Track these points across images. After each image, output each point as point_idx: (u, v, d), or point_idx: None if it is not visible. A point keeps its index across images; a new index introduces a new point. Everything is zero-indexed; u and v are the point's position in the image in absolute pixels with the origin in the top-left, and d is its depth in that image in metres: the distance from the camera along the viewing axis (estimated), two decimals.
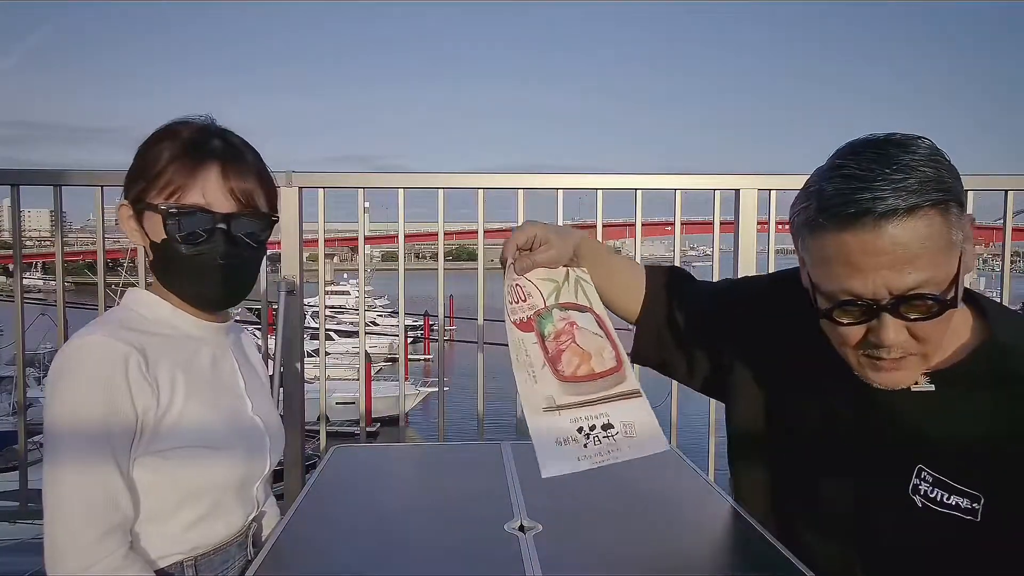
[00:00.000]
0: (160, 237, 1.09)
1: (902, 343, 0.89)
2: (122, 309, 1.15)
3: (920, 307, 0.86)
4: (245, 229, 1.13)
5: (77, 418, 1.01)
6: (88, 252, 25.68)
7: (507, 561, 0.94)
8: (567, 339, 1.12)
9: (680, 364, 1.24)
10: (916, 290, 0.86)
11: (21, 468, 2.34)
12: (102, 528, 1.00)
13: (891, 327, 0.88)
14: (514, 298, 1.12)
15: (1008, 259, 2.45)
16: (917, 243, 0.84)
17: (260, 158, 1.17)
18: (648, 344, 1.24)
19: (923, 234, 0.84)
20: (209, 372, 1.17)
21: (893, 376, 0.93)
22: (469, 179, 2.46)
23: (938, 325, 0.88)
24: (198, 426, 1.10)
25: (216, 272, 1.12)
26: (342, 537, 1.17)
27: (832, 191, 0.87)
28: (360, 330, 2.65)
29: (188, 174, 1.09)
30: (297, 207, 2.31)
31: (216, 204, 1.10)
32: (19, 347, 2.36)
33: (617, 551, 1.05)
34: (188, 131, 1.12)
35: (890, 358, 0.91)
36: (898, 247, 0.84)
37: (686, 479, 1.43)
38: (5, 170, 2.33)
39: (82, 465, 1.01)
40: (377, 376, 16.06)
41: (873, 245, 0.85)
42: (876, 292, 0.87)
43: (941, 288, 0.86)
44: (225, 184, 1.10)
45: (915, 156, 0.86)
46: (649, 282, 1.24)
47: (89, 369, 1.03)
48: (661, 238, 12.63)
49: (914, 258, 0.85)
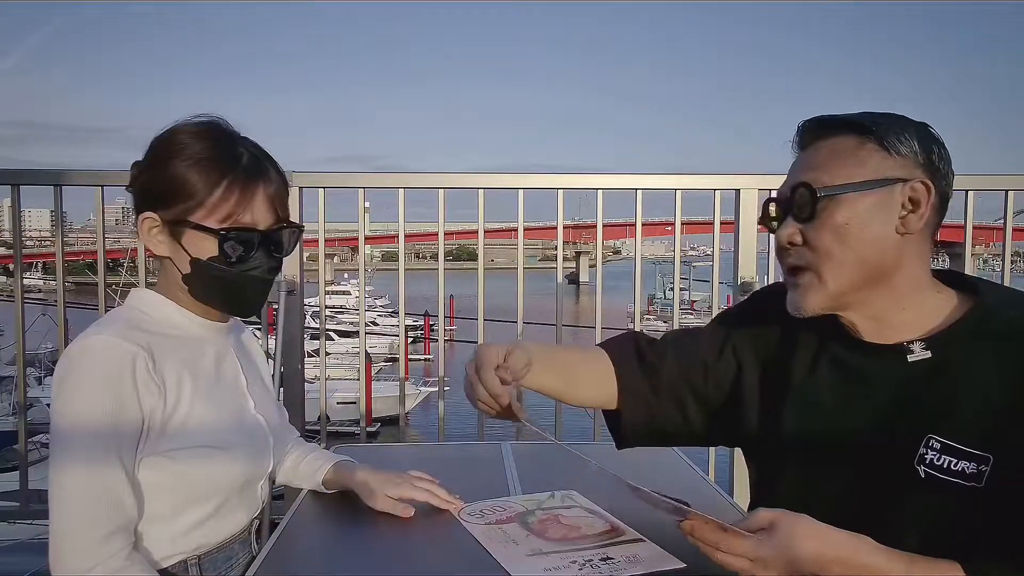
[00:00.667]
0: (208, 255, 1.10)
1: (797, 249, 0.99)
2: (127, 309, 1.15)
3: (802, 201, 0.98)
4: (283, 242, 1.16)
5: (84, 418, 1.01)
6: (88, 252, 25.72)
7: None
8: (551, 521, 1.14)
9: (679, 426, 1.18)
10: (804, 183, 0.98)
11: (21, 468, 2.34)
12: (106, 528, 1.00)
13: (785, 225, 1.00)
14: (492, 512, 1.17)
15: (1008, 259, 2.45)
16: (824, 153, 0.99)
17: (278, 165, 1.19)
18: (638, 420, 1.18)
19: (830, 148, 0.99)
20: (213, 372, 1.17)
21: (795, 296, 1.00)
22: (469, 179, 2.46)
23: (825, 236, 0.96)
24: (204, 426, 1.10)
25: (259, 285, 1.15)
26: (342, 537, 1.17)
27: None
28: (360, 330, 2.65)
29: (244, 199, 1.10)
30: (297, 207, 2.31)
31: (262, 221, 1.12)
32: (19, 347, 2.36)
33: None
34: (231, 152, 1.11)
35: (791, 265, 1.00)
36: (811, 155, 1.01)
37: (686, 479, 1.43)
38: (5, 170, 2.33)
39: (88, 465, 1.00)
40: (377, 376, 16.06)
41: (799, 156, 1.04)
42: (784, 190, 1.02)
43: (827, 190, 0.96)
44: (269, 201, 1.13)
45: (883, 113, 0.99)
46: (616, 360, 1.18)
47: (96, 369, 1.03)
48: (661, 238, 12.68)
49: (816, 163, 0.99)
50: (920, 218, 0.95)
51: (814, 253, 0.97)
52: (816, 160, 0.99)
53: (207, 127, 1.13)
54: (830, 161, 0.98)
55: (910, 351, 0.95)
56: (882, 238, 0.95)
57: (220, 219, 1.09)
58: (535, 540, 1.07)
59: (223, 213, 1.09)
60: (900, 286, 0.97)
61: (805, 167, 1.00)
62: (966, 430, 0.89)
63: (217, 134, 1.13)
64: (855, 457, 0.96)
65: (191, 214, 1.09)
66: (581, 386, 1.18)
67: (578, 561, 1.00)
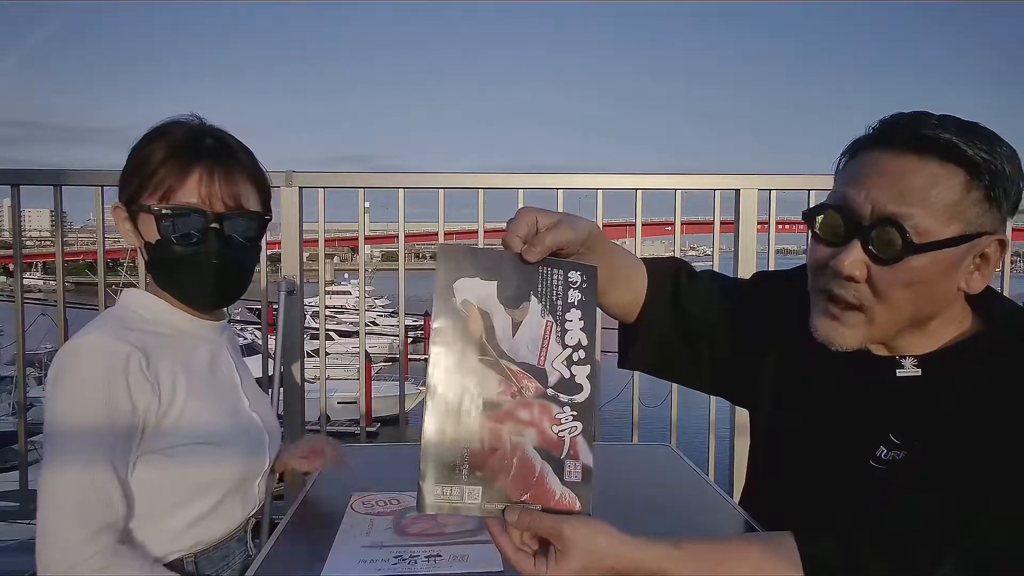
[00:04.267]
0: (154, 238, 1.10)
1: (856, 285, 0.88)
2: (120, 309, 1.15)
3: (888, 238, 0.85)
4: (237, 229, 1.13)
5: (75, 419, 1.01)
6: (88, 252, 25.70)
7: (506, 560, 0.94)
8: (428, 517, 1.11)
9: (684, 366, 1.17)
10: (896, 218, 0.84)
11: (21, 468, 2.34)
12: (93, 527, 1.00)
13: (853, 253, 0.87)
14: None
15: (1008, 259, 2.46)
16: (925, 182, 0.84)
17: (253, 157, 1.17)
18: (648, 349, 1.15)
19: (934, 179, 0.84)
20: (207, 370, 1.17)
21: (834, 327, 0.92)
22: (469, 179, 2.46)
23: (897, 284, 0.87)
24: (200, 423, 1.10)
25: (209, 272, 1.12)
26: (342, 537, 1.17)
27: (888, 118, 0.89)
28: (360, 330, 2.65)
29: (179, 174, 1.09)
30: (297, 207, 2.31)
31: (208, 204, 1.10)
32: (19, 347, 2.36)
33: None
34: (179, 131, 1.12)
35: (840, 297, 0.90)
36: (908, 176, 0.85)
37: (686, 479, 1.43)
38: (5, 170, 2.33)
39: (77, 465, 1.01)
40: (377, 376, 16.06)
41: (888, 164, 0.86)
42: (861, 208, 0.87)
43: (920, 238, 0.84)
44: (216, 184, 1.10)
45: (986, 136, 0.86)
46: (651, 282, 1.13)
47: (89, 369, 1.03)
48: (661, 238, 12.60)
49: (914, 192, 0.84)
50: (985, 279, 0.89)
51: (875, 296, 0.88)
52: (913, 186, 0.84)
53: (174, 119, 1.15)
54: (932, 199, 0.84)
55: (900, 366, 0.95)
56: (944, 294, 0.90)
57: (159, 198, 1.09)
58: (390, 534, 1.10)
59: (161, 192, 1.09)
60: (932, 328, 0.94)
61: (898, 191, 0.85)
62: (923, 438, 0.89)
63: (181, 123, 1.14)
64: (829, 451, 0.98)
65: (139, 195, 1.10)
66: (612, 284, 1.05)
67: (403, 556, 1.02)
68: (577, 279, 0.75)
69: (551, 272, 0.75)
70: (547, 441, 0.76)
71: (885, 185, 0.86)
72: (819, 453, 1.00)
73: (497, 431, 0.76)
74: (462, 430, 0.75)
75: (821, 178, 2.35)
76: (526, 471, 0.76)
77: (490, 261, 0.76)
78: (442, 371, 0.75)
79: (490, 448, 0.76)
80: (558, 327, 0.76)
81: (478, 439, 0.75)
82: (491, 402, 0.75)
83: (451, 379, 0.75)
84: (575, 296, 0.75)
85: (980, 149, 0.84)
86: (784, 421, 1.07)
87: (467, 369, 0.75)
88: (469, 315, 0.75)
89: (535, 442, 0.76)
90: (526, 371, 0.75)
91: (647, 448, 1.61)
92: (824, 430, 1.00)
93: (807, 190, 2.40)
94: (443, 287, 0.75)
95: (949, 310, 0.94)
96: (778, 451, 1.08)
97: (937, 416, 0.89)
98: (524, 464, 0.76)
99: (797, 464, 1.03)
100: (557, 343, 0.76)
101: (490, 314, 0.75)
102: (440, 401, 0.75)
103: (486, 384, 0.75)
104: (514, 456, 0.76)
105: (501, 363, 0.75)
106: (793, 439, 1.05)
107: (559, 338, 0.76)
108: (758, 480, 1.16)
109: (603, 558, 0.77)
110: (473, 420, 0.75)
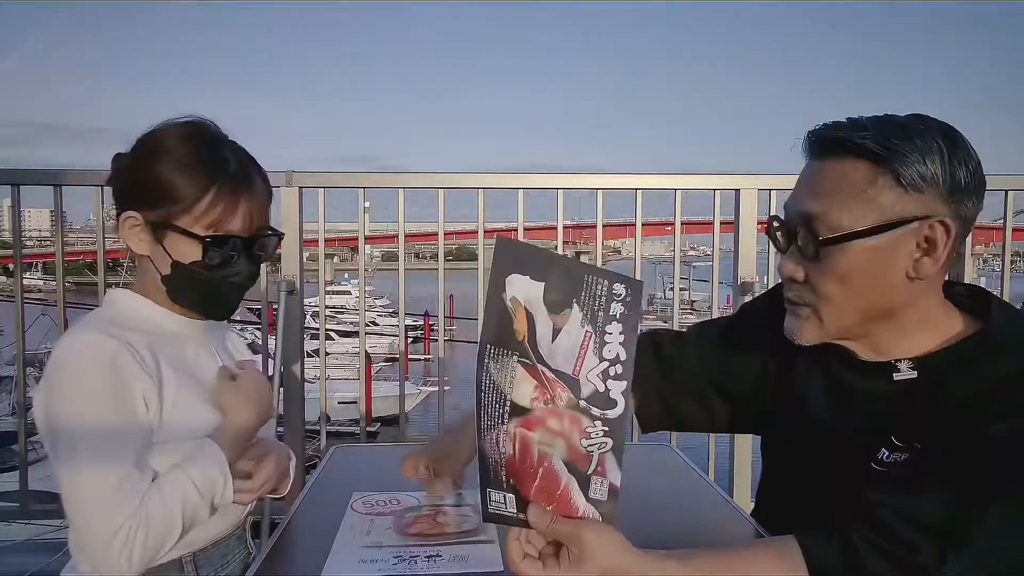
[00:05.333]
0: (191, 260, 1.10)
1: (799, 284, 0.94)
2: (106, 309, 1.16)
3: (806, 236, 0.90)
4: (269, 248, 1.17)
5: (84, 417, 1.01)
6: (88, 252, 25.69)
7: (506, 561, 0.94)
8: (426, 518, 1.14)
9: (698, 415, 1.20)
10: (808, 216, 0.90)
11: (21, 468, 2.34)
12: (128, 507, 0.99)
13: (788, 257, 0.94)
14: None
15: (1008, 259, 2.46)
16: (832, 180, 0.89)
17: (263, 170, 1.19)
18: (653, 409, 1.20)
19: (840, 175, 0.89)
20: (194, 367, 1.17)
21: (792, 323, 0.97)
22: (469, 179, 2.46)
23: (828, 279, 0.90)
24: (188, 420, 1.10)
25: (236, 290, 1.16)
26: (342, 537, 1.17)
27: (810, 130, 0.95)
28: (360, 330, 2.65)
29: (231, 207, 1.10)
30: (297, 207, 2.31)
31: (246, 228, 1.12)
32: (19, 347, 2.36)
33: None
34: (218, 157, 1.11)
35: (789, 298, 0.96)
36: (818, 177, 0.91)
37: (686, 479, 1.43)
38: (5, 170, 2.33)
39: (102, 459, 1.00)
40: (377, 376, 16.06)
41: (807, 170, 0.94)
42: (790, 214, 0.94)
43: (832, 232, 0.88)
44: (253, 208, 1.13)
45: (902, 125, 0.88)
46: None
47: (85, 366, 1.03)
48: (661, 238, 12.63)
49: (823, 191, 0.90)
50: (936, 262, 0.89)
51: (815, 295, 0.93)
52: (823, 186, 0.90)
53: (195, 129, 1.13)
54: (838, 194, 0.89)
55: (897, 369, 0.95)
56: (890, 284, 0.91)
57: (206, 226, 1.09)
58: (390, 534, 1.11)
59: (209, 220, 1.09)
60: (906, 321, 0.94)
61: (811, 191, 0.91)
62: (924, 440, 0.90)
63: (205, 137, 1.13)
64: (832, 459, 0.98)
65: (176, 218, 1.09)
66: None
67: (403, 556, 1.02)
68: (622, 291, 0.73)
69: (596, 281, 0.73)
70: (575, 455, 0.74)
71: (803, 189, 0.93)
72: (822, 458, 1.00)
73: (527, 439, 0.74)
74: (499, 434, 0.74)
75: None
76: (551, 483, 0.75)
77: (542, 261, 0.73)
78: (484, 369, 0.73)
79: (520, 455, 0.74)
80: (597, 338, 0.73)
81: (511, 445, 0.74)
82: (522, 407, 0.73)
83: (492, 378, 0.73)
84: (617, 309, 0.73)
85: (884, 139, 0.86)
86: (790, 433, 1.07)
87: (507, 369, 0.73)
88: (516, 313, 0.72)
89: (563, 455, 0.74)
90: (561, 379, 0.73)
91: (647, 448, 1.61)
92: (827, 436, 1.00)
93: None
94: (496, 280, 0.72)
95: (919, 304, 0.93)
96: (786, 462, 1.09)
97: (936, 417, 0.89)
98: (549, 475, 0.75)
99: (803, 471, 1.03)
100: (594, 355, 0.73)
101: (534, 315, 0.72)
102: (484, 402, 0.73)
103: (521, 387, 0.73)
104: (540, 466, 0.75)
105: (538, 368, 0.73)
106: (798, 447, 1.05)
107: (597, 350, 0.73)
108: (770, 493, 1.16)
109: (617, 569, 0.77)
110: (506, 424, 0.74)
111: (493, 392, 0.74)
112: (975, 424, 0.84)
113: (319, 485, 1.37)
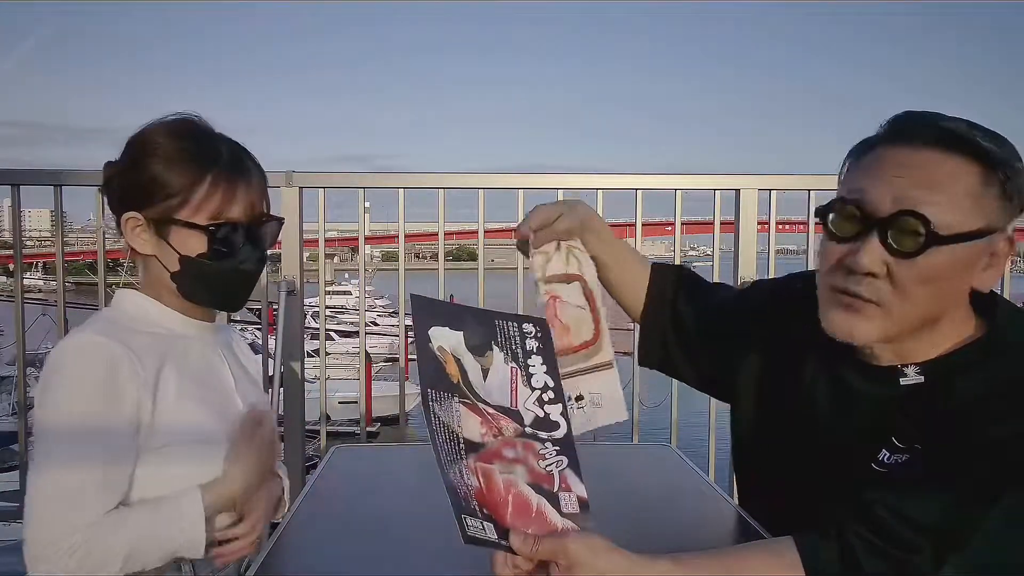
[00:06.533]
0: (196, 252, 1.11)
1: (875, 280, 0.86)
2: (111, 310, 1.16)
3: (910, 231, 0.83)
4: (270, 234, 1.18)
5: (72, 416, 1.02)
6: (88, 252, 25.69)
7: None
8: (549, 314, 1.07)
9: (684, 365, 1.22)
10: (919, 208, 0.82)
11: (21, 468, 2.34)
12: (87, 518, 0.99)
13: (872, 249, 0.85)
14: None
15: (1008, 259, 2.45)
16: (948, 174, 0.83)
17: (255, 158, 1.19)
18: (653, 345, 1.22)
19: (957, 171, 0.84)
20: (199, 370, 1.17)
21: (849, 320, 0.89)
22: (469, 179, 2.46)
23: (917, 279, 0.85)
24: (191, 423, 1.11)
25: (246, 279, 1.17)
26: (342, 537, 1.17)
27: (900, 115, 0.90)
28: (360, 330, 2.65)
29: (229, 194, 1.11)
30: (297, 207, 2.31)
31: (245, 215, 1.13)
32: (19, 347, 2.36)
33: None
34: (210, 148, 1.12)
35: (856, 293, 0.87)
36: (930, 168, 0.84)
37: (686, 479, 1.43)
38: (5, 170, 2.33)
39: (72, 460, 1.00)
40: (377, 376, 16.06)
41: (908, 157, 0.85)
42: (880, 201, 0.85)
43: (944, 230, 0.83)
44: (251, 194, 1.14)
45: (994, 134, 0.87)
46: (654, 280, 1.20)
47: (83, 367, 1.03)
48: (661, 238, 12.58)
49: (938, 183, 0.83)
50: (997, 274, 0.88)
51: (894, 291, 0.86)
52: (934, 180, 0.84)
53: (182, 125, 1.14)
54: (956, 191, 0.83)
55: (904, 374, 0.94)
56: (957, 291, 0.89)
57: (207, 215, 1.10)
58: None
59: (210, 209, 1.10)
60: (940, 328, 0.93)
61: (918, 183, 0.84)
62: (925, 442, 0.90)
63: (193, 131, 1.14)
64: (833, 456, 0.98)
65: (176, 212, 1.10)
66: (620, 277, 1.18)
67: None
68: (531, 330, 0.75)
69: (506, 324, 0.75)
70: (537, 476, 0.77)
71: (907, 176, 0.84)
72: (822, 456, 1.00)
73: (488, 471, 0.77)
74: (462, 467, 0.78)
75: (821, 178, 2.35)
76: (524, 507, 0.77)
77: (453, 313, 0.77)
78: (431, 412, 0.78)
79: (487, 485, 0.77)
80: (523, 372, 0.75)
81: (474, 479, 0.78)
82: (475, 443, 0.77)
83: (441, 420, 0.78)
84: (532, 344, 0.75)
85: (999, 146, 0.85)
86: (787, 425, 1.06)
87: (451, 410, 0.77)
88: (446, 360, 0.76)
89: (526, 478, 0.77)
90: (503, 412, 0.76)
91: (647, 448, 1.62)
92: (827, 434, 1.00)
93: (807, 190, 2.40)
94: (420, 332, 0.77)
95: (956, 311, 0.93)
96: (781, 455, 1.08)
97: (938, 420, 0.89)
98: (520, 500, 0.77)
99: (801, 467, 1.03)
100: (525, 386, 0.75)
101: (462, 360, 0.76)
102: (438, 441, 0.78)
103: (469, 425, 0.77)
104: (508, 493, 0.77)
105: (479, 405, 0.76)
106: (796, 443, 1.04)
107: (526, 381, 0.75)
108: (760, 482, 1.16)
109: (607, 571, 0.77)
110: (466, 459, 0.78)
111: (445, 432, 0.78)
112: (976, 426, 0.84)
113: (319, 485, 1.37)
